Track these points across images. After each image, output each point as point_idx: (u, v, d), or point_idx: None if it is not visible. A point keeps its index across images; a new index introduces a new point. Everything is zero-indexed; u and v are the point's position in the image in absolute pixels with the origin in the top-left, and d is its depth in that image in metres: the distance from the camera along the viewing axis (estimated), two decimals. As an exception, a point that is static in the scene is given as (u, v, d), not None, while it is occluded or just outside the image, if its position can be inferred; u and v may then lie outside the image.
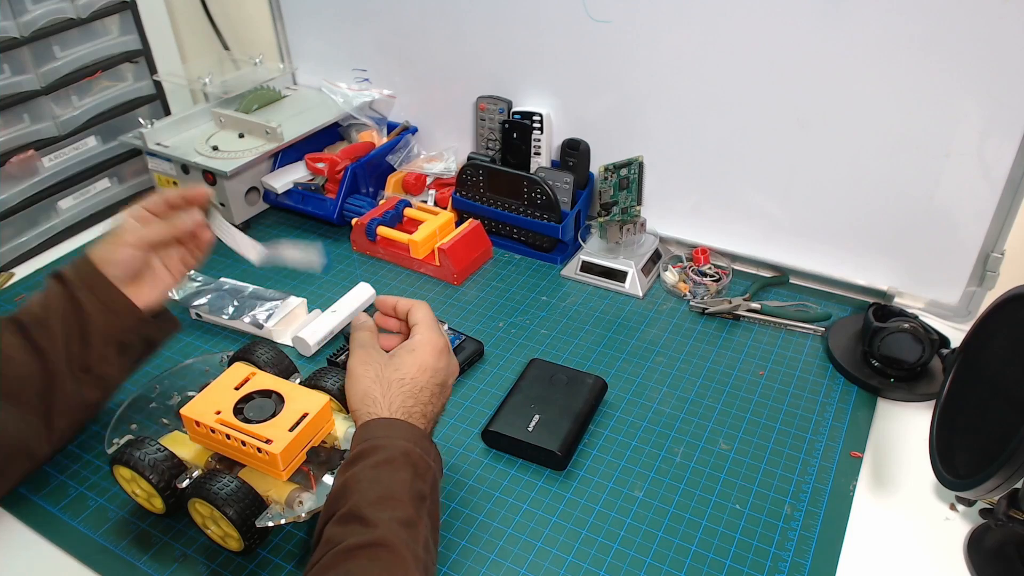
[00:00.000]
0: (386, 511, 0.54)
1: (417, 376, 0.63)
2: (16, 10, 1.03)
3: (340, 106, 1.22)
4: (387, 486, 0.56)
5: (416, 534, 0.54)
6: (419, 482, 0.57)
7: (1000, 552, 0.67)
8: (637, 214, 1.02)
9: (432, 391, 0.63)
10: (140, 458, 0.67)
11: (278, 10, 1.27)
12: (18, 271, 1.09)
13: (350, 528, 0.53)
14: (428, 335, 0.65)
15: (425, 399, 0.63)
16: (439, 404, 0.65)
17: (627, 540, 0.69)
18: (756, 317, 0.95)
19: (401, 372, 0.63)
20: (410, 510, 0.55)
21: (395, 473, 0.57)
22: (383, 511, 0.54)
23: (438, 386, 0.64)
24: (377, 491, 0.55)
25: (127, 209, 0.74)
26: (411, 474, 0.57)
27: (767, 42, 0.90)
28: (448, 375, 0.66)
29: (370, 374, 0.63)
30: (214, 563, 0.68)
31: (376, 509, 0.54)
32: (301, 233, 1.15)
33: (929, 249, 0.93)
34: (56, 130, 1.11)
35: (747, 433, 0.80)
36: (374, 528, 0.53)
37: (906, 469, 0.76)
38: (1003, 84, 0.80)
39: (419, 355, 0.64)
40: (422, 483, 0.58)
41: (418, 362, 0.63)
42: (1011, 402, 0.58)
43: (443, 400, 0.66)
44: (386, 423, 0.60)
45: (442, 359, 0.65)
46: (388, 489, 0.56)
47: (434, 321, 0.67)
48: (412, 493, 0.56)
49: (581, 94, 1.06)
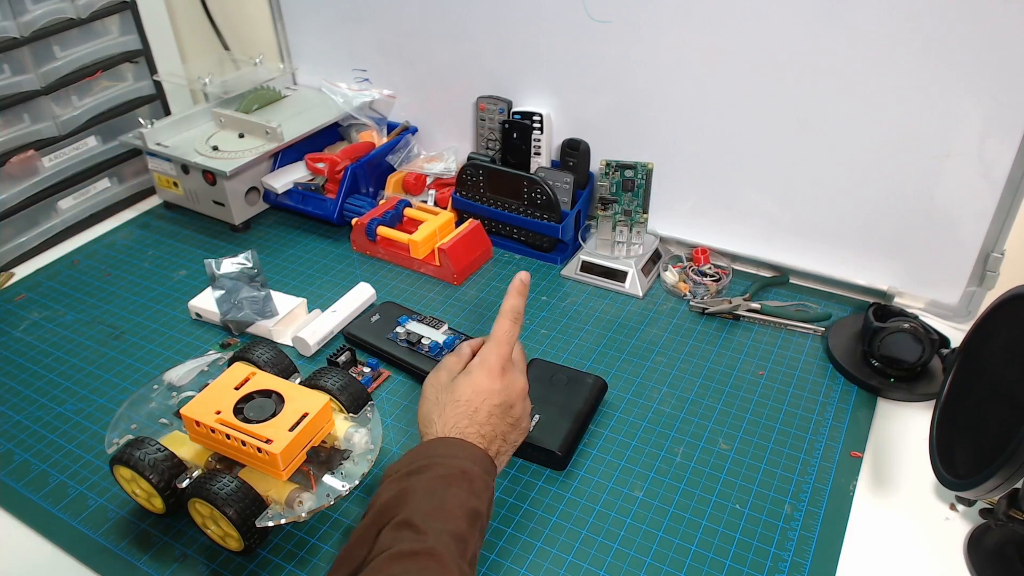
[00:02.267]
0: (438, 522, 0.55)
1: (472, 398, 0.64)
2: (16, 10, 1.03)
3: (340, 106, 1.22)
4: (442, 499, 0.56)
5: (465, 549, 0.55)
6: (474, 500, 0.58)
7: (1000, 552, 0.67)
8: (644, 222, 1.02)
9: (490, 411, 0.64)
10: (140, 458, 0.67)
11: (278, 10, 1.27)
12: (18, 271, 1.09)
13: (402, 535, 0.54)
14: (485, 356, 0.66)
15: (482, 419, 0.63)
16: (500, 425, 0.64)
17: (627, 540, 0.69)
18: (756, 317, 0.95)
19: (456, 395, 0.64)
20: (463, 525, 0.56)
21: (450, 488, 0.57)
22: (435, 522, 0.54)
23: (496, 407, 0.64)
24: (432, 503, 0.56)
25: None
26: (467, 492, 0.58)
27: (767, 42, 0.90)
28: (508, 395, 0.65)
29: (432, 397, 0.66)
30: (214, 563, 0.68)
31: (429, 519, 0.55)
32: (301, 233, 1.15)
33: (929, 249, 0.93)
34: (56, 130, 1.11)
35: (747, 433, 0.80)
36: (425, 537, 0.53)
37: (906, 469, 0.76)
38: (1003, 84, 0.80)
39: (473, 377, 0.65)
40: (478, 501, 0.58)
41: (472, 384, 0.65)
42: (1011, 402, 0.58)
43: (507, 420, 0.65)
44: (446, 442, 0.61)
45: (497, 380, 0.65)
46: (442, 502, 0.56)
47: (500, 341, 0.67)
48: (466, 509, 0.57)
49: (581, 94, 1.06)
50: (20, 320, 0.98)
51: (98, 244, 1.14)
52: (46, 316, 0.99)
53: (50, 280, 1.06)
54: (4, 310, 1.01)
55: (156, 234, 1.16)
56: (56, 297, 1.03)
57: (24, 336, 0.95)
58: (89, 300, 1.02)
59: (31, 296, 1.03)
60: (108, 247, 1.13)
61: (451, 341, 0.89)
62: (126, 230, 1.18)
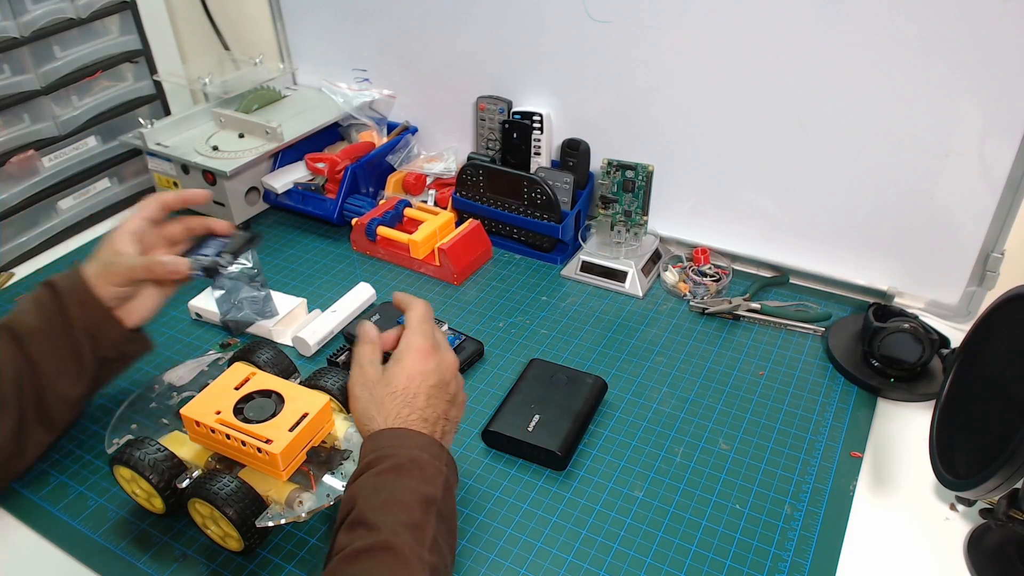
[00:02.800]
0: (390, 515, 0.54)
1: (408, 384, 0.63)
2: (16, 10, 1.03)
3: (340, 106, 1.22)
4: (391, 492, 0.56)
5: (422, 536, 0.54)
6: (427, 486, 0.57)
7: (1000, 552, 0.67)
8: (643, 224, 1.02)
9: (428, 394, 0.63)
10: (140, 458, 0.67)
11: (278, 10, 1.27)
12: (18, 271, 1.09)
13: (355, 533, 0.54)
14: (411, 340, 0.65)
15: (421, 404, 0.62)
16: (440, 405, 0.64)
17: (627, 540, 0.69)
18: (756, 317, 0.95)
19: (392, 386, 0.63)
20: (416, 513, 0.55)
21: (400, 479, 0.57)
22: (387, 515, 0.54)
23: (433, 387, 0.64)
24: (381, 497, 0.56)
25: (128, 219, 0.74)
26: (418, 479, 0.57)
27: (767, 42, 0.90)
28: (442, 374, 0.65)
29: (365, 395, 0.63)
30: (214, 563, 0.68)
31: (380, 513, 0.54)
32: (301, 233, 1.15)
33: (929, 249, 0.93)
34: (56, 130, 1.11)
35: (747, 433, 0.80)
36: (378, 531, 0.53)
37: (906, 469, 0.76)
38: (1003, 84, 0.80)
39: (404, 363, 0.64)
40: (431, 487, 0.57)
41: (405, 371, 0.63)
42: (1011, 402, 0.58)
43: (445, 399, 0.65)
44: (390, 434, 0.60)
45: (430, 361, 0.64)
46: (392, 494, 0.56)
47: (421, 323, 0.66)
48: (418, 497, 0.56)
49: (581, 94, 1.06)
50: (20, 320, 0.98)
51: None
52: (46, 316, 0.99)
53: (50, 280, 1.06)
54: (4, 310, 1.00)
55: (156, 234, 1.16)
56: (56, 297, 1.03)
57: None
58: (89, 300, 1.02)
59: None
60: (108, 247, 1.13)
61: (451, 341, 0.89)
62: (126, 230, 1.18)
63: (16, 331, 0.69)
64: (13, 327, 0.69)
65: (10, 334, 0.69)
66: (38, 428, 0.72)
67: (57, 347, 0.70)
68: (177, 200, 0.76)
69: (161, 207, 0.75)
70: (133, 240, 0.73)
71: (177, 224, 0.78)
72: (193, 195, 0.76)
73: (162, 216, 0.76)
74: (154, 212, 0.75)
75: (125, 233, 0.73)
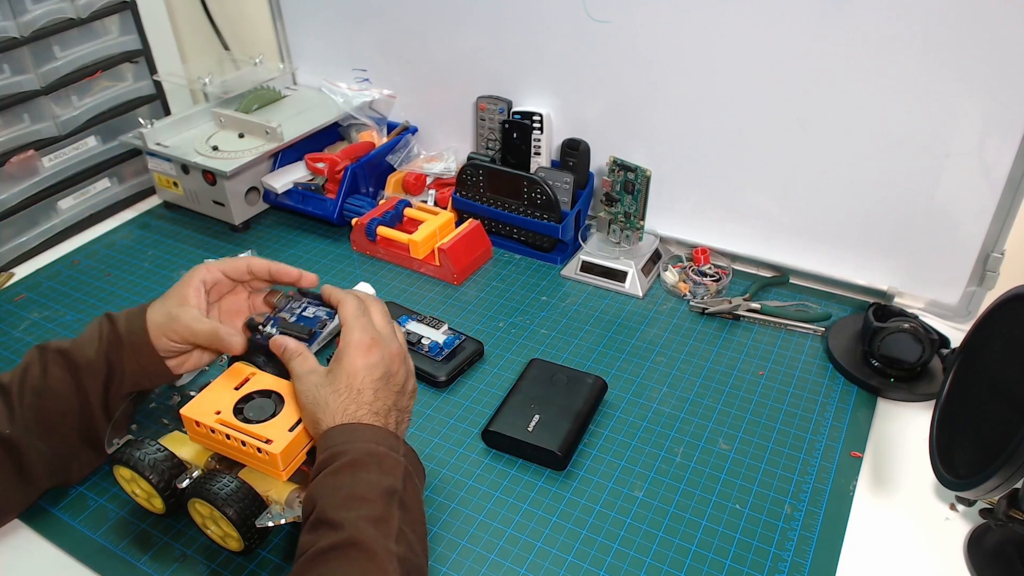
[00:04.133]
0: (352, 510, 0.54)
1: (350, 381, 0.62)
2: (16, 10, 1.03)
3: (340, 106, 1.22)
4: (351, 487, 0.56)
5: (387, 528, 0.54)
6: (387, 478, 0.57)
7: (1000, 552, 0.67)
8: (640, 228, 1.03)
9: (374, 388, 0.63)
10: (140, 458, 0.67)
11: (278, 10, 1.27)
12: (18, 271, 1.09)
13: (319, 533, 0.54)
14: (350, 337, 0.64)
15: (368, 399, 0.62)
16: (388, 397, 0.64)
17: (627, 540, 0.69)
18: (756, 317, 0.95)
19: (335, 385, 0.62)
20: (378, 506, 0.55)
21: (358, 474, 0.57)
22: (349, 511, 0.54)
23: (379, 380, 0.63)
24: (341, 493, 0.55)
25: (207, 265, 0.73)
26: (377, 472, 0.57)
27: (767, 41, 0.90)
28: (387, 365, 0.64)
29: (309, 401, 0.63)
30: (214, 563, 0.68)
31: (341, 510, 0.54)
32: (301, 233, 1.15)
33: (929, 249, 0.93)
34: (56, 130, 1.11)
35: (747, 433, 0.80)
36: (341, 528, 0.53)
37: (906, 469, 0.76)
38: (1003, 84, 0.80)
39: (344, 361, 0.63)
40: (390, 478, 0.57)
41: (345, 369, 0.63)
42: (1011, 402, 0.58)
43: (393, 390, 0.64)
44: (341, 429, 0.60)
45: (372, 354, 0.64)
46: (352, 490, 0.56)
47: (356, 319, 0.66)
48: (379, 490, 0.56)
49: (581, 94, 1.06)
50: (20, 320, 0.98)
51: (98, 244, 1.14)
52: (46, 316, 0.99)
53: (50, 280, 1.06)
54: (4, 310, 1.01)
55: (156, 234, 1.16)
56: (56, 297, 1.03)
57: (24, 336, 0.95)
58: (89, 300, 1.02)
59: (31, 296, 1.03)
60: (108, 247, 1.14)
61: (451, 341, 0.89)
62: (126, 230, 1.18)
63: (74, 360, 0.69)
64: (72, 356, 0.69)
65: (68, 362, 0.69)
66: (88, 451, 0.72)
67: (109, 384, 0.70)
68: (264, 269, 0.73)
69: (245, 269, 0.74)
70: (203, 289, 0.72)
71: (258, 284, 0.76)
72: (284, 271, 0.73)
73: (243, 278, 0.75)
74: (235, 271, 0.74)
75: (198, 279, 0.72)
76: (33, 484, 0.70)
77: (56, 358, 0.69)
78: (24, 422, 0.67)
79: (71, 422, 0.69)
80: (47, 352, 0.69)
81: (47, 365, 0.69)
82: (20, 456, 0.67)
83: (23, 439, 0.67)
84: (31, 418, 0.67)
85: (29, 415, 0.67)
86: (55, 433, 0.69)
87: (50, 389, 0.68)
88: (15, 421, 0.67)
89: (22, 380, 0.68)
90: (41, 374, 0.68)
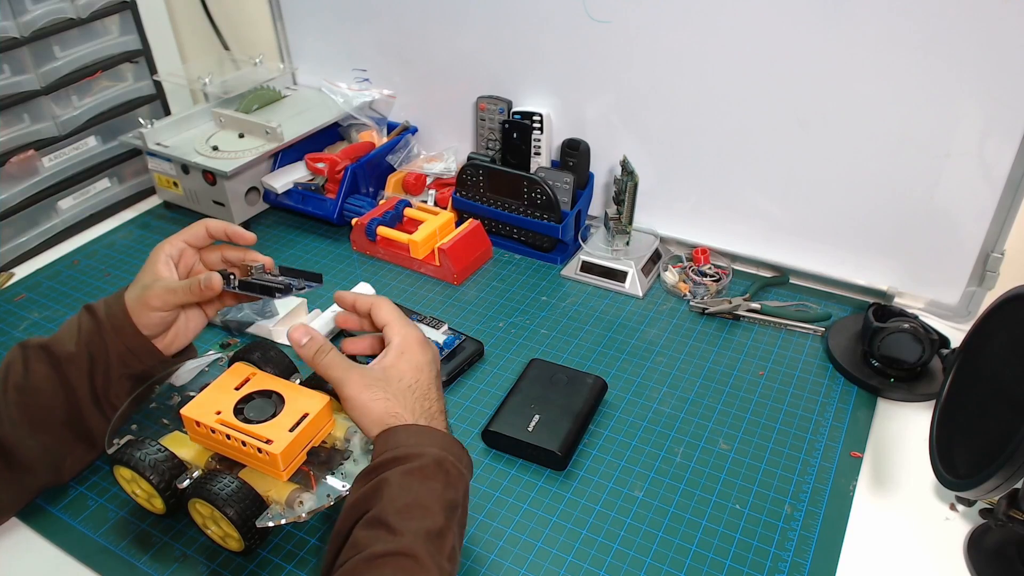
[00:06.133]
0: (414, 520, 0.54)
1: (420, 378, 0.63)
2: (16, 10, 1.03)
3: (340, 106, 1.22)
4: (417, 494, 0.55)
5: (443, 545, 0.54)
6: (451, 491, 0.57)
7: (1000, 552, 0.67)
8: (628, 232, 1.03)
9: (436, 385, 0.63)
10: (140, 458, 0.67)
11: (278, 10, 1.27)
12: (18, 271, 1.09)
13: (375, 534, 0.53)
14: (407, 332, 0.65)
15: (434, 396, 0.63)
16: (441, 397, 0.65)
17: (627, 540, 0.69)
18: (756, 317, 0.95)
19: (406, 380, 0.62)
20: (440, 520, 0.55)
21: (426, 482, 0.56)
22: (410, 520, 0.54)
23: (436, 378, 0.64)
24: (406, 498, 0.55)
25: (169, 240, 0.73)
26: (443, 483, 0.57)
27: (767, 42, 0.90)
28: (436, 364, 0.65)
29: (380, 395, 0.61)
30: (214, 563, 0.68)
31: (403, 517, 0.54)
32: (301, 233, 1.15)
33: (929, 249, 0.93)
34: (56, 130, 1.11)
35: (747, 433, 0.80)
36: (400, 537, 0.52)
37: (906, 469, 0.76)
38: (1003, 84, 0.80)
39: (410, 356, 0.63)
40: (454, 492, 0.57)
41: (414, 363, 0.63)
42: (1011, 402, 0.58)
43: (441, 390, 0.66)
44: (416, 430, 0.59)
45: (428, 351, 0.65)
46: (417, 497, 0.55)
47: (400, 316, 0.66)
48: (443, 502, 0.56)
49: (581, 94, 1.06)
50: (20, 320, 0.98)
51: (98, 244, 1.14)
52: (46, 316, 0.99)
53: (50, 280, 1.06)
54: (4, 310, 1.01)
55: (156, 234, 1.16)
56: (56, 297, 1.03)
57: (24, 336, 0.95)
58: (89, 300, 1.01)
59: (31, 296, 1.03)
60: (108, 247, 1.14)
61: (451, 341, 0.89)
62: (126, 230, 1.18)
63: (55, 354, 0.69)
64: (52, 349, 0.69)
65: (49, 356, 0.69)
66: (78, 446, 0.72)
67: (94, 373, 0.70)
68: (221, 230, 0.74)
69: (204, 233, 0.74)
70: (171, 262, 0.72)
71: (215, 252, 0.76)
72: (238, 233, 0.74)
73: (204, 243, 0.75)
74: (196, 237, 0.74)
75: (164, 254, 0.72)
76: (26, 481, 0.70)
77: (37, 354, 0.69)
78: (10, 420, 0.67)
79: (58, 416, 0.69)
80: (28, 349, 0.69)
81: (28, 362, 0.69)
82: (10, 454, 0.67)
83: (11, 437, 0.67)
84: (17, 415, 0.67)
85: (15, 412, 0.67)
86: (43, 428, 0.69)
87: (33, 385, 0.68)
88: (1, 420, 0.67)
89: (4, 378, 0.68)
90: (23, 371, 0.68)
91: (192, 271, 0.76)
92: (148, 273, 0.71)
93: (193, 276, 0.75)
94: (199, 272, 0.76)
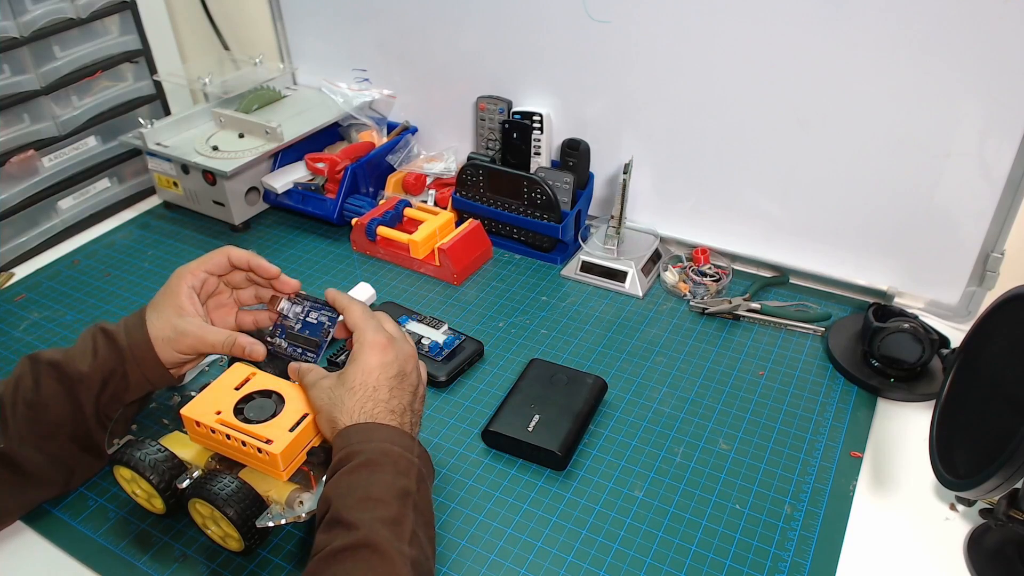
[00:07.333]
0: (367, 511, 0.54)
1: (366, 380, 0.63)
2: (16, 10, 1.03)
3: (340, 106, 1.22)
4: (367, 488, 0.56)
5: (401, 531, 0.54)
6: (401, 479, 0.57)
7: (1000, 552, 0.67)
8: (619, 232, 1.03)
9: (390, 385, 0.63)
10: (140, 458, 0.67)
11: (278, 10, 1.27)
12: (18, 271, 1.09)
13: (334, 533, 0.54)
14: (364, 337, 0.65)
15: (384, 396, 0.62)
16: (404, 396, 0.64)
17: (627, 540, 0.69)
18: (756, 317, 0.95)
19: (350, 384, 0.63)
20: (393, 508, 0.55)
21: (374, 475, 0.57)
22: (364, 512, 0.54)
23: (393, 378, 0.64)
24: (357, 494, 0.56)
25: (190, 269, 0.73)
26: (392, 472, 0.57)
27: (767, 42, 0.90)
28: (402, 364, 0.65)
29: (324, 403, 0.64)
30: (214, 563, 0.68)
31: (357, 511, 0.54)
32: (301, 233, 1.15)
33: (929, 249, 0.93)
34: (56, 130, 1.11)
35: (747, 433, 0.80)
36: (356, 529, 0.53)
37: (906, 469, 0.76)
38: (1003, 84, 0.80)
39: (361, 361, 0.64)
40: (405, 479, 0.58)
41: (361, 368, 0.63)
42: (1011, 402, 0.58)
43: (408, 388, 0.65)
44: (357, 429, 0.60)
45: (388, 353, 0.64)
46: (367, 491, 0.56)
47: (368, 321, 0.67)
48: (395, 491, 0.56)
49: (581, 94, 1.06)
50: (20, 320, 0.98)
51: (98, 244, 1.14)
52: (46, 316, 0.99)
53: (50, 280, 1.06)
54: (4, 310, 1.01)
55: (156, 234, 1.16)
56: (56, 297, 1.03)
57: (24, 336, 0.95)
58: (89, 300, 1.02)
59: (31, 296, 1.03)
60: (108, 247, 1.14)
61: (451, 341, 0.89)
62: (126, 230, 1.18)
63: (66, 373, 0.68)
64: (64, 369, 0.68)
65: (60, 374, 0.68)
66: (85, 458, 0.72)
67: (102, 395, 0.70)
68: (244, 261, 0.74)
69: (226, 262, 0.74)
70: (194, 295, 0.72)
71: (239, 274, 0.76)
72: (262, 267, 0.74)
73: (226, 272, 0.75)
74: (218, 267, 0.74)
75: (186, 286, 0.72)
76: (32, 491, 0.70)
77: (49, 370, 0.68)
78: (19, 434, 0.67)
79: (66, 431, 0.69)
80: (39, 364, 0.69)
81: (40, 377, 0.68)
82: (18, 467, 0.67)
83: (19, 451, 0.67)
84: (25, 429, 0.67)
85: (23, 427, 0.67)
86: (51, 442, 0.69)
87: (42, 402, 0.68)
88: (9, 434, 0.67)
89: (14, 392, 0.68)
90: (33, 386, 0.68)
91: (214, 294, 0.76)
92: (171, 306, 0.71)
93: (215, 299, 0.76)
94: (221, 294, 0.77)
